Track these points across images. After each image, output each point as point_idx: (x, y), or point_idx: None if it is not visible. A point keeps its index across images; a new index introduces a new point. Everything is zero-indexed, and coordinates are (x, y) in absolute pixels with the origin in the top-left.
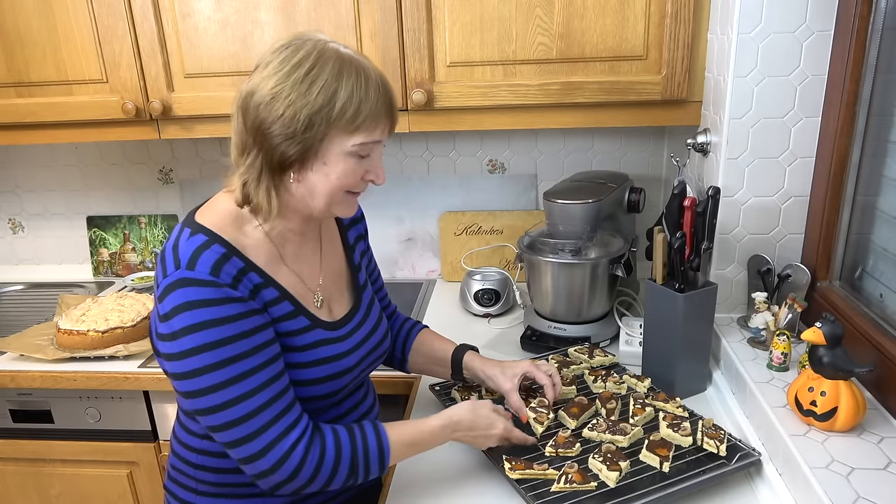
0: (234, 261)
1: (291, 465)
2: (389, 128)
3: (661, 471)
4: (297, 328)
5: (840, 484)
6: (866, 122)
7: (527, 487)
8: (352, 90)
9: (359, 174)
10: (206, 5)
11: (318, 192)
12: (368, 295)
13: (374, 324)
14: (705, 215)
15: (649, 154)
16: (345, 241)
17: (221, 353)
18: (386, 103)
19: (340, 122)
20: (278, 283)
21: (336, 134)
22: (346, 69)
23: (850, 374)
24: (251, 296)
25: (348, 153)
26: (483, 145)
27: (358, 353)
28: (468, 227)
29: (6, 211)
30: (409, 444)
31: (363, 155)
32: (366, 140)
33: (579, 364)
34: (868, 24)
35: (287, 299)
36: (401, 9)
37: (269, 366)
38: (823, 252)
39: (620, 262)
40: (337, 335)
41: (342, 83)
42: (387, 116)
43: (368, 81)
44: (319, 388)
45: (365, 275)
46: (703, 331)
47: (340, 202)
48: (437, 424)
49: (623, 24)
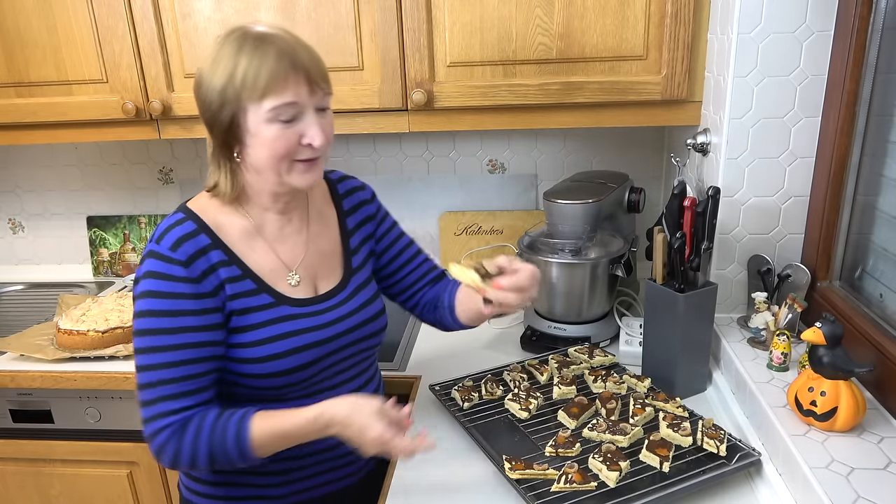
0: (200, 238)
1: (156, 444)
2: (306, 88)
3: (661, 471)
4: (258, 304)
5: (840, 484)
6: (866, 122)
7: (527, 487)
8: (249, 60)
9: (292, 139)
10: (206, 5)
11: (260, 165)
12: (361, 277)
13: (362, 303)
14: (705, 215)
15: (649, 154)
16: (342, 225)
17: (149, 323)
18: (288, 65)
19: (245, 91)
20: (243, 261)
21: (248, 105)
22: (247, 44)
23: (850, 374)
24: (203, 276)
25: (267, 120)
26: (483, 145)
27: (334, 328)
28: (468, 227)
29: (6, 211)
30: (276, 435)
31: (287, 119)
32: (277, 103)
33: (579, 364)
34: (868, 24)
35: (250, 277)
36: (401, 9)
37: (179, 350)
38: (823, 252)
39: (620, 262)
40: (308, 311)
41: (241, 57)
42: (294, 77)
43: (268, 48)
44: (286, 361)
45: (362, 258)
46: (703, 331)
47: (290, 172)
48: (309, 416)
49: (623, 24)
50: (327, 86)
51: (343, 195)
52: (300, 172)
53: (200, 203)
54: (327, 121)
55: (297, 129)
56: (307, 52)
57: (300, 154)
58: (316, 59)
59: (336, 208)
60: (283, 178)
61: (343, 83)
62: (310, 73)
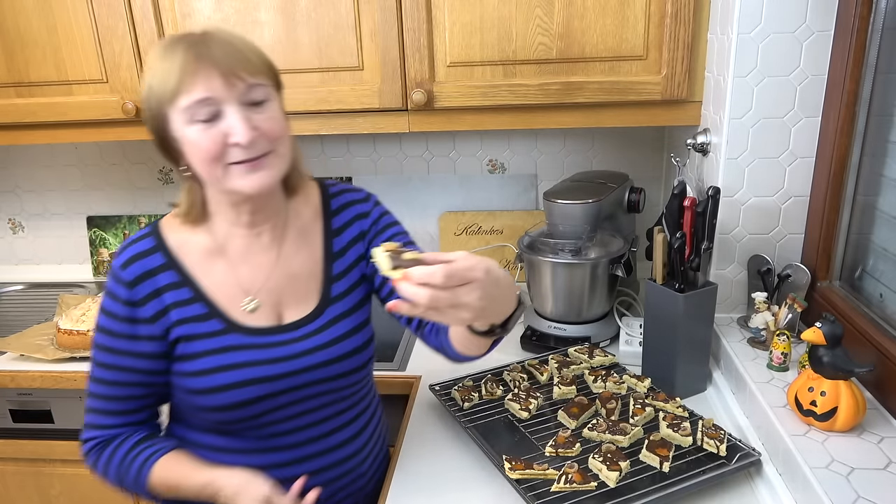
0: (154, 258)
1: (83, 451)
2: (220, 82)
3: (661, 471)
4: (205, 331)
5: (840, 484)
6: (866, 122)
7: (527, 487)
8: (160, 63)
9: (216, 140)
10: (206, 5)
11: (199, 172)
12: (342, 307)
13: (336, 337)
14: (705, 215)
15: (649, 154)
16: (327, 246)
17: (97, 336)
18: (193, 58)
19: (162, 95)
20: (197, 283)
21: (168, 109)
22: (164, 48)
23: (850, 374)
24: (145, 300)
25: (186, 121)
26: (483, 145)
27: (294, 363)
28: (468, 227)
29: (6, 211)
30: (170, 487)
31: (205, 118)
32: (190, 101)
33: (579, 364)
34: (868, 24)
35: (202, 301)
36: (401, 9)
37: (110, 370)
38: (823, 252)
39: (620, 262)
40: (262, 341)
41: (157, 62)
42: (204, 70)
43: (177, 47)
44: (229, 395)
45: (347, 285)
46: (703, 331)
47: (227, 176)
48: (201, 482)
49: (623, 24)
50: (257, 77)
51: (335, 211)
52: (240, 176)
53: (170, 220)
54: (266, 115)
55: (221, 127)
56: (225, 45)
57: (230, 155)
58: (234, 50)
59: (324, 226)
60: (224, 184)
61: (343, 83)
62: (221, 64)
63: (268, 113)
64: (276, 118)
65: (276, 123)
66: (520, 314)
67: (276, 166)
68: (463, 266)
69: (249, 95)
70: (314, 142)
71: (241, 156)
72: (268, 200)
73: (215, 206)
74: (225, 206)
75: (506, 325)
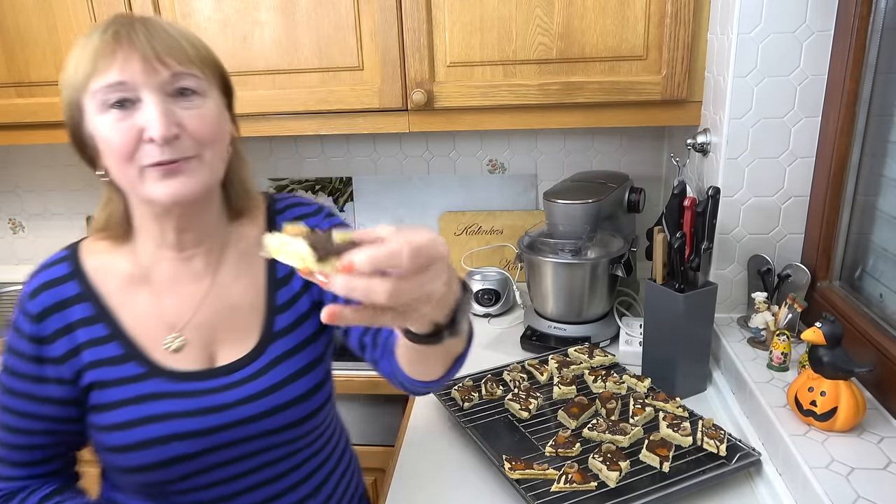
0: (68, 286)
1: None
2: (140, 66)
3: (661, 471)
4: (122, 376)
5: (840, 484)
6: (866, 122)
7: (527, 487)
8: (80, 49)
9: (129, 135)
10: (206, 5)
11: (115, 174)
12: (288, 343)
13: (280, 381)
14: (705, 215)
15: (649, 154)
16: (270, 272)
17: (0, 376)
18: (111, 38)
19: (76, 79)
20: (115, 318)
21: (82, 95)
22: (87, 34)
23: (850, 374)
24: (54, 337)
25: (98, 109)
26: (483, 145)
27: (229, 415)
28: (468, 227)
29: (6, 211)
30: None
31: (117, 103)
32: (102, 83)
33: (579, 364)
34: (868, 24)
35: (119, 339)
36: (401, 9)
37: (14, 415)
38: (823, 252)
39: (620, 262)
40: (188, 388)
41: (76, 49)
42: (122, 51)
43: (98, 29)
44: (148, 454)
45: (293, 317)
46: (703, 331)
47: (142, 180)
48: None
49: (623, 24)
50: (187, 67)
51: None
52: (154, 181)
53: (90, 241)
54: (195, 111)
55: (137, 120)
56: (155, 29)
57: (145, 155)
58: (165, 35)
59: None
60: (138, 190)
61: (343, 83)
62: (143, 47)
63: (197, 108)
64: (206, 117)
65: (205, 123)
66: (467, 305)
67: (198, 175)
68: (427, 240)
69: (175, 85)
70: (314, 142)
71: (156, 156)
72: (196, 218)
73: (139, 221)
74: (149, 221)
75: (454, 322)
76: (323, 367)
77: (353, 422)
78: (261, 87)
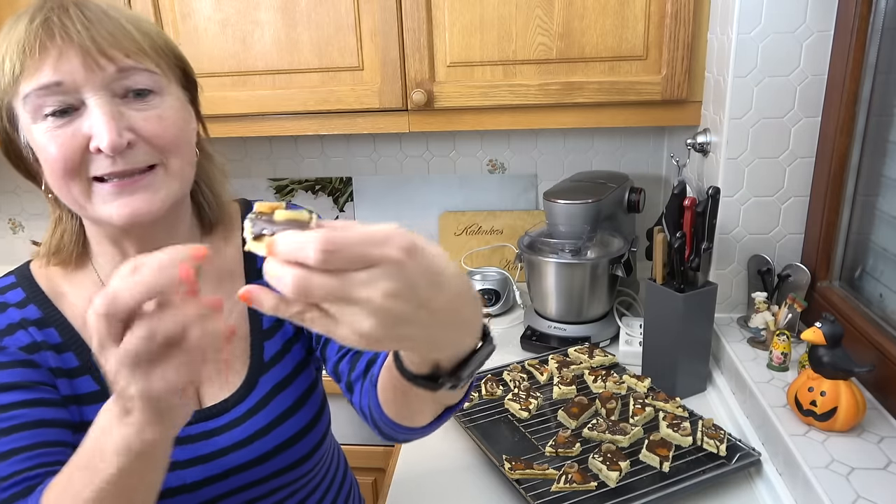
0: (26, 311)
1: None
2: (79, 61)
3: (661, 471)
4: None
5: (840, 484)
6: (866, 122)
7: (527, 487)
8: (3, 35)
9: (70, 144)
10: (206, 5)
11: (56, 191)
12: (280, 372)
13: (274, 419)
14: (705, 215)
15: (649, 154)
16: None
17: None
18: (39, 28)
19: (3, 80)
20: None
21: (14, 101)
22: (10, 20)
23: (850, 374)
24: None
25: (32, 114)
26: (483, 145)
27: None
28: (468, 227)
29: (6, 211)
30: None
31: (55, 111)
32: (33, 85)
33: (579, 364)
34: (868, 24)
35: (90, 373)
36: (401, 9)
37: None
38: (823, 252)
39: (620, 262)
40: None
41: (3, 36)
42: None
43: (22, 15)
44: None
45: (282, 341)
46: (703, 331)
47: (89, 199)
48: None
49: (623, 24)
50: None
51: None
52: (107, 198)
53: (39, 266)
54: (151, 112)
55: (79, 126)
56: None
57: (93, 167)
58: (106, 19)
59: (246, 265)
60: (87, 208)
61: (343, 83)
62: (80, 37)
63: (154, 109)
64: (166, 118)
65: (165, 125)
66: (484, 355)
67: (165, 187)
68: (359, 236)
69: (124, 83)
70: (314, 142)
71: (106, 166)
72: (162, 236)
73: (95, 242)
74: (105, 243)
75: (459, 369)
76: (318, 394)
77: (353, 422)
78: (261, 87)
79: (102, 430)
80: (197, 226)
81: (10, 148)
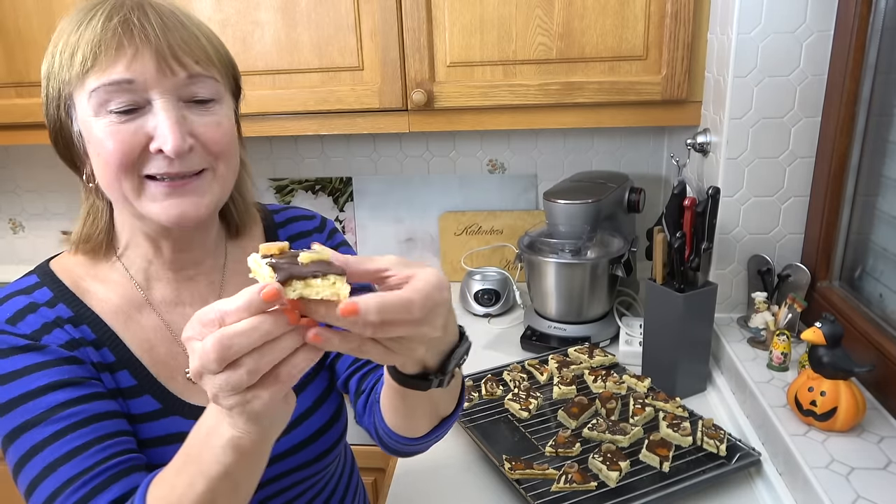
0: (57, 310)
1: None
2: (153, 64)
3: (661, 471)
4: (142, 412)
5: (840, 484)
6: (866, 122)
7: (527, 487)
8: (72, 29)
9: (132, 140)
10: (207, 5)
11: (105, 184)
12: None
13: (305, 411)
14: (705, 215)
15: (649, 154)
16: None
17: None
18: (118, 25)
19: (71, 72)
20: (124, 341)
21: (76, 92)
22: (82, 12)
23: (850, 374)
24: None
25: (94, 110)
26: (483, 145)
27: None
28: (468, 227)
29: (6, 211)
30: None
31: (121, 108)
32: (103, 80)
33: (579, 364)
34: (868, 24)
35: (128, 368)
36: (401, 9)
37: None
38: (823, 252)
39: (620, 262)
40: None
41: (68, 29)
42: (131, 44)
43: (98, 10)
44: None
45: None
46: (703, 331)
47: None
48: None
49: (623, 24)
50: (206, 68)
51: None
52: (154, 198)
53: (65, 260)
54: (210, 119)
55: (143, 126)
56: (169, 18)
57: (149, 165)
58: (181, 26)
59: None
60: (134, 205)
61: (343, 83)
62: (158, 40)
63: (213, 116)
64: (223, 126)
65: (221, 132)
66: (463, 351)
67: (210, 192)
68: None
69: (191, 89)
70: (314, 142)
71: (163, 167)
72: (198, 237)
73: (128, 235)
74: (141, 237)
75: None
76: (336, 394)
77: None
78: (261, 87)
79: (209, 429)
80: (223, 229)
81: (59, 136)
